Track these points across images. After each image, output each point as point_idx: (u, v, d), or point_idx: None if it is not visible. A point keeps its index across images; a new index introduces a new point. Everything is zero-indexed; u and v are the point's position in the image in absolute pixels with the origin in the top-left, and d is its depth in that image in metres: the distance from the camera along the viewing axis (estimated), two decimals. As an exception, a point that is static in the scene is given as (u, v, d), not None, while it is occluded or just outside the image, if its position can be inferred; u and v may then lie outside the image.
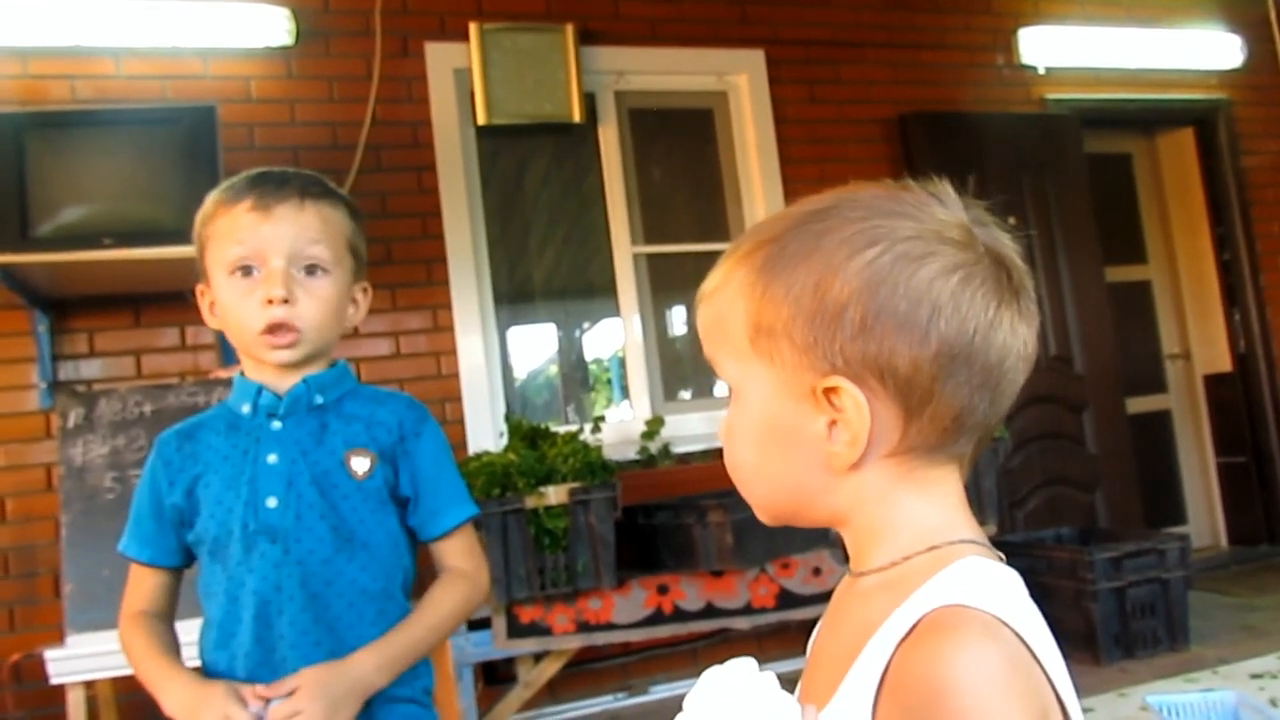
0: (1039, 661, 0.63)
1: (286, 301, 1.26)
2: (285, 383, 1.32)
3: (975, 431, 0.70)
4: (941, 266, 0.67)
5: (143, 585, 1.36)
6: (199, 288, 1.34)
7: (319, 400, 1.33)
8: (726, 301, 0.72)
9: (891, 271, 0.66)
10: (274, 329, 1.27)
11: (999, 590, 0.65)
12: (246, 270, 1.27)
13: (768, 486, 0.73)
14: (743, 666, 0.69)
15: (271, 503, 1.28)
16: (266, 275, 1.26)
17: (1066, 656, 0.66)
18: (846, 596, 0.75)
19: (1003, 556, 0.70)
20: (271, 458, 1.30)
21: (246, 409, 1.32)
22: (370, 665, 1.25)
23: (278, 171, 1.33)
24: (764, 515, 0.77)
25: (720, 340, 0.73)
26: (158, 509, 1.34)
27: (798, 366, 0.68)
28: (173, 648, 1.33)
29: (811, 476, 0.70)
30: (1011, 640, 0.62)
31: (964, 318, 0.66)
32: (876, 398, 0.67)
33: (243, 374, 1.36)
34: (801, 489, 0.71)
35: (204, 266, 1.32)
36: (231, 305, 1.29)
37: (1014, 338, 0.68)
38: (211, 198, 1.33)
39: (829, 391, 0.67)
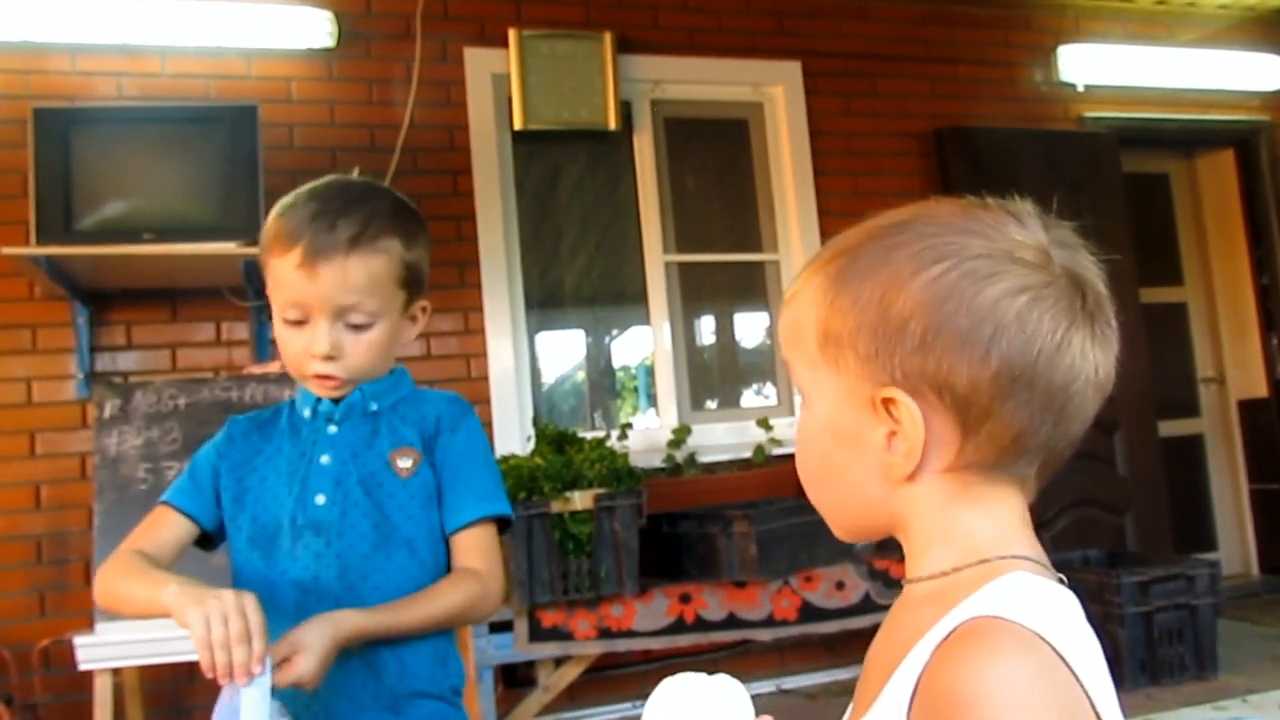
0: (1080, 683, 0.62)
1: (331, 357, 1.31)
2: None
3: (1038, 453, 0.70)
4: (1009, 287, 0.67)
5: (160, 529, 1.35)
6: (269, 291, 1.37)
7: (373, 407, 1.38)
8: (802, 308, 0.75)
9: (956, 289, 0.67)
10: (319, 376, 1.33)
11: (1045, 606, 0.64)
12: (296, 315, 1.31)
13: (832, 493, 0.76)
14: (695, 677, 0.73)
15: (320, 500, 1.33)
16: (313, 329, 1.30)
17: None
18: (899, 605, 0.75)
19: (1063, 578, 0.69)
20: (324, 459, 1.36)
21: (308, 413, 1.39)
22: (349, 626, 1.22)
23: (333, 207, 1.30)
24: (838, 528, 0.78)
25: (794, 346, 0.76)
26: (213, 475, 1.39)
27: (860, 376, 0.70)
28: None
29: (871, 485, 0.72)
30: (1047, 656, 0.61)
31: (1028, 339, 0.66)
32: (934, 412, 0.68)
33: None
34: (862, 496, 0.73)
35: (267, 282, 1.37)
36: (283, 342, 1.35)
37: (1084, 361, 0.68)
38: (273, 223, 1.33)
39: (887, 402, 0.69)
